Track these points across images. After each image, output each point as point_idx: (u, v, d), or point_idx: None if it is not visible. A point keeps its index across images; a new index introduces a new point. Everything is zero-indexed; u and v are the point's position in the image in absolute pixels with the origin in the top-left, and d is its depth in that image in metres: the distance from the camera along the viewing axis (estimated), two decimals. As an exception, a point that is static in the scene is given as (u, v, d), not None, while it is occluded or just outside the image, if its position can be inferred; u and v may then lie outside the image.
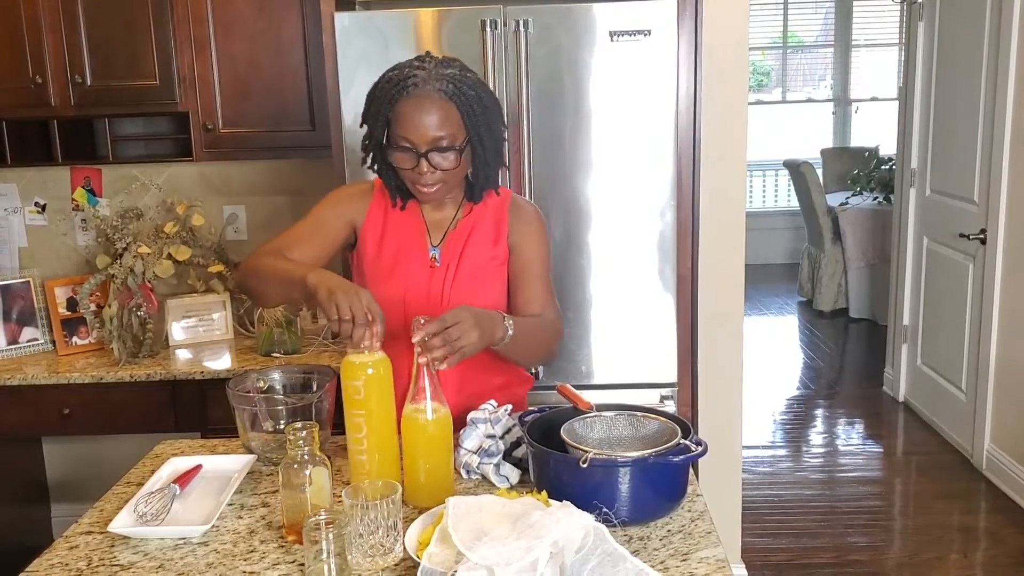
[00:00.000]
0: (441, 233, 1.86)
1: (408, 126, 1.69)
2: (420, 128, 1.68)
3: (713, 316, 2.84)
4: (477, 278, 1.83)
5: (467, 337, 1.54)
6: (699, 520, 1.48)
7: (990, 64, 3.73)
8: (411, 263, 1.84)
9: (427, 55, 1.76)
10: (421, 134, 1.68)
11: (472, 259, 1.84)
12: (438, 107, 1.68)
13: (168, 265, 2.89)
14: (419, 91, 1.68)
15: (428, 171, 1.71)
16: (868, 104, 8.56)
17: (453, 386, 1.80)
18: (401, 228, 1.86)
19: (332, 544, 1.28)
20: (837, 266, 6.43)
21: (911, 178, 4.59)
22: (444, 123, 1.69)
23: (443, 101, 1.69)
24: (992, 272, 3.74)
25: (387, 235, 1.86)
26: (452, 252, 1.84)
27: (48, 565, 1.41)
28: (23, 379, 2.71)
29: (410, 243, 1.85)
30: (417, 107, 1.68)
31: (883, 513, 3.66)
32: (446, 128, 1.69)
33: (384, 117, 1.72)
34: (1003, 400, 3.74)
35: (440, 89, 1.68)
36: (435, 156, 1.71)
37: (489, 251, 1.85)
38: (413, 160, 1.71)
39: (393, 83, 1.70)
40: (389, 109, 1.70)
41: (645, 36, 2.37)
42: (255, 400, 1.76)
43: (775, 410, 4.82)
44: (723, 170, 2.82)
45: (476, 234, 1.85)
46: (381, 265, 1.85)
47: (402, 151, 1.72)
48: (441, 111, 1.68)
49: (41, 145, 2.95)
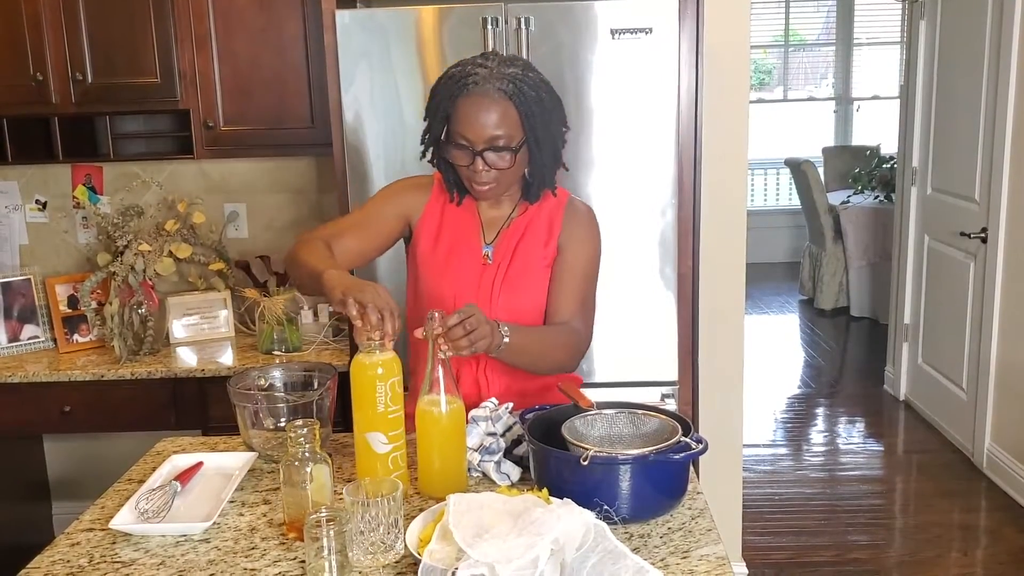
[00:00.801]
0: (495, 231, 1.86)
1: (466, 124, 1.69)
2: (477, 126, 1.69)
3: (714, 314, 2.84)
4: (527, 277, 1.83)
5: (482, 329, 1.56)
6: (700, 518, 1.48)
7: (991, 63, 3.72)
8: (464, 259, 1.84)
9: (492, 53, 1.78)
10: (478, 132, 1.69)
11: (523, 258, 1.83)
12: (497, 106, 1.69)
13: (169, 263, 2.89)
14: (479, 89, 1.69)
15: (483, 169, 1.72)
16: (869, 102, 8.56)
17: (501, 385, 1.83)
18: (457, 224, 1.86)
19: (333, 541, 1.28)
20: (838, 264, 6.43)
21: (912, 177, 4.59)
22: (501, 122, 1.69)
23: (502, 100, 1.69)
24: (993, 271, 3.74)
25: (443, 231, 1.86)
26: (504, 250, 1.84)
27: (50, 562, 1.41)
28: (24, 377, 2.72)
29: (464, 239, 1.85)
30: (476, 105, 1.68)
31: (884, 511, 3.66)
32: (503, 128, 1.69)
33: (443, 113, 1.72)
34: (1004, 399, 3.74)
35: (500, 88, 1.69)
36: (490, 155, 1.71)
37: (540, 251, 1.84)
38: (469, 157, 1.72)
39: (455, 80, 1.71)
40: (449, 105, 1.71)
41: (646, 34, 2.37)
42: (256, 398, 1.76)
43: (776, 408, 4.82)
44: (724, 168, 2.81)
45: (529, 234, 1.84)
46: (435, 260, 1.85)
47: (459, 148, 1.72)
48: (499, 110, 1.69)
49: (42, 143, 2.95)
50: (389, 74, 2.42)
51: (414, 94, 2.43)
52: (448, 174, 1.83)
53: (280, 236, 3.17)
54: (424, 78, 2.42)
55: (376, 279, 2.51)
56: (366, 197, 2.47)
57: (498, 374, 1.84)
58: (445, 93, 1.72)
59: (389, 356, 1.52)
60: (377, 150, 2.46)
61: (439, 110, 1.73)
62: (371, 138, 2.45)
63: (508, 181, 1.78)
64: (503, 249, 1.84)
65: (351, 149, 2.46)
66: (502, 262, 1.83)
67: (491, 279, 1.83)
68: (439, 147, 1.78)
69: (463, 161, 1.73)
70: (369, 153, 2.46)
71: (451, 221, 1.86)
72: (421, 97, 2.42)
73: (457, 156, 1.74)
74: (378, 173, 2.47)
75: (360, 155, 2.46)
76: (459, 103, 1.70)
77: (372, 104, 2.44)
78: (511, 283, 1.83)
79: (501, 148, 1.71)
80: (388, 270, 2.43)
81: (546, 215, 1.86)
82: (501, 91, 1.69)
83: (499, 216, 1.87)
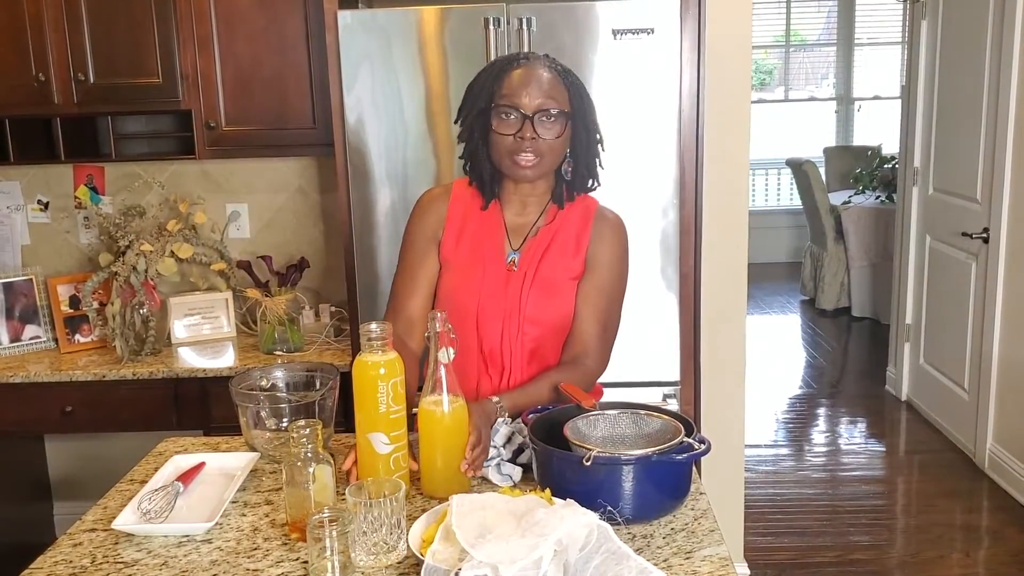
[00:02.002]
0: (521, 238, 1.83)
1: (518, 89, 1.70)
2: (528, 92, 1.70)
3: (716, 314, 2.84)
4: (553, 289, 1.80)
5: (486, 443, 1.61)
6: (702, 518, 1.48)
7: (993, 62, 3.72)
8: (488, 264, 1.81)
9: (531, 51, 1.84)
10: (530, 97, 1.70)
11: (549, 269, 1.80)
12: (548, 78, 1.72)
13: (171, 263, 2.89)
14: (529, 64, 1.73)
15: (531, 137, 1.70)
16: (871, 102, 8.56)
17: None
18: (481, 229, 1.83)
19: (336, 542, 1.28)
20: (840, 265, 6.43)
21: (914, 177, 4.58)
22: (552, 91, 1.71)
23: (552, 76, 1.73)
24: (995, 271, 3.74)
25: (465, 234, 1.83)
26: (531, 258, 1.81)
27: (52, 562, 1.41)
28: (25, 377, 2.72)
29: (488, 244, 1.82)
30: (528, 74, 1.71)
31: (885, 512, 3.66)
32: (554, 96, 1.71)
33: (490, 88, 1.73)
34: (1005, 399, 3.74)
35: (549, 66, 1.74)
36: (542, 121, 1.70)
37: (567, 263, 1.81)
38: (518, 123, 1.70)
39: (503, 61, 1.76)
40: (496, 80, 1.72)
41: (648, 34, 2.37)
42: (259, 398, 1.76)
43: (777, 409, 4.82)
44: (726, 168, 2.81)
45: (556, 244, 1.81)
46: (456, 263, 1.83)
47: (506, 117, 1.71)
48: (550, 82, 1.72)
49: (44, 143, 2.95)
50: (391, 74, 2.42)
51: (416, 94, 2.43)
52: (483, 169, 1.79)
53: (282, 236, 3.17)
54: (426, 78, 2.42)
55: (383, 276, 2.51)
56: (367, 198, 2.48)
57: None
58: (492, 72, 1.74)
59: (391, 356, 1.52)
60: (379, 150, 2.46)
61: (484, 89, 1.73)
62: (373, 138, 2.45)
63: (549, 162, 1.75)
64: (530, 256, 1.81)
65: (353, 149, 2.46)
66: (528, 270, 1.80)
67: (518, 287, 1.79)
68: (477, 131, 1.75)
69: (510, 129, 1.70)
70: (371, 153, 2.46)
71: (474, 224, 1.83)
72: (423, 96, 2.43)
73: (504, 126, 1.71)
74: (379, 173, 2.47)
75: (362, 155, 2.46)
76: (509, 76, 1.72)
77: (374, 104, 2.44)
78: (539, 292, 1.79)
79: (552, 114, 1.70)
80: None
81: (574, 226, 1.82)
82: (550, 68, 1.74)
83: (525, 223, 1.83)
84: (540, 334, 1.80)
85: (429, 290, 1.86)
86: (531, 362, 1.81)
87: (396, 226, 2.37)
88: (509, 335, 1.79)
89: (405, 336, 1.81)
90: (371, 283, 2.52)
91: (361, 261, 2.52)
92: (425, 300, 1.85)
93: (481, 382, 1.82)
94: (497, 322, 1.79)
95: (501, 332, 1.79)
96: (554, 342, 1.83)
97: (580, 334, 1.81)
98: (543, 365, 1.81)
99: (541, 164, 1.73)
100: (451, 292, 1.82)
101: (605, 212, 1.86)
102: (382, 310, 2.18)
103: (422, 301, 1.85)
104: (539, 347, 1.81)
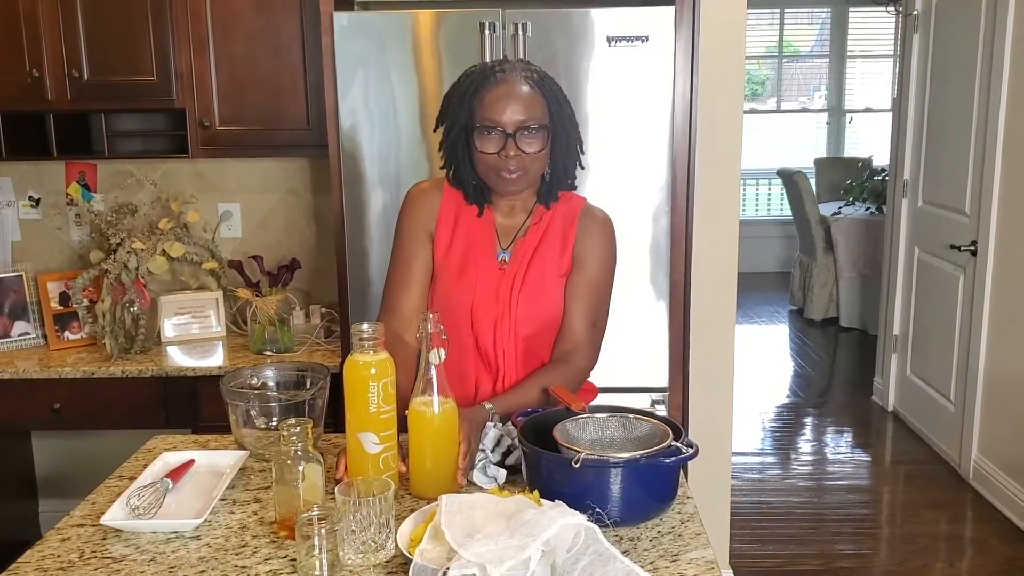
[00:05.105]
0: (511, 238, 1.85)
1: (497, 108, 1.71)
2: (508, 110, 1.71)
3: (705, 322, 2.85)
4: (543, 287, 1.83)
5: (473, 444, 1.62)
6: (689, 522, 1.49)
7: (983, 77, 3.75)
8: (480, 263, 1.83)
9: (504, 58, 1.81)
10: (509, 116, 1.71)
11: (540, 267, 1.83)
12: (525, 92, 1.72)
13: (162, 261, 2.89)
14: (506, 77, 1.73)
15: (514, 154, 1.72)
16: (862, 114, 8.61)
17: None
18: (472, 227, 1.85)
19: (324, 540, 1.28)
20: (829, 275, 6.46)
21: (903, 189, 4.61)
22: (531, 106, 1.72)
23: (529, 88, 1.73)
24: (982, 283, 3.76)
25: (458, 232, 1.85)
26: (521, 257, 1.83)
27: (40, 557, 1.41)
28: (14, 373, 2.71)
29: (480, 243, 1.84)
30: (506, 91, 1.72)
31: (870, 521, 3.67)
32: (533, 111, 1.72)
33: (468, 105, 1.73)
34: (991, 411, 3.76)
35: (526, 78, 1.74)
36: (523, 137, 1.71)
37: (555, 260, 1.83)
38: (500, 142, 1.72)
39: (479, 72, 1.75)
40: (475, 96, 1.73)
41: (643, 42, 2.38)
42: (249, 396, 1.76)
43: (765, 417, 4.84)
44: (717, 177, 2.83)
45: (545, 242, 1.83)
46: (451, 262, 1.84)
47: (488, 135, 1.72)
48: (528, 96, 1.72)
49: (36, 139, 2.94)
50: (386, 76, 2.43)
51: (410, 97, 2.44)
52: (469, 179, 1.81)
53: (274, 236, 3.17)
54: (420, 81, 2.43)
55: (374, 279, 2.52)
56: (360, 199, 2.48)
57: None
58: (470, 85, 1.74)
59: (383, 356, 1.53)
60: (372, 152, 2.47)
61: (463, 102, 1.74)
62: (366, 140, 2.46)
63: (533, 173, 1.77)
64: (520, 255, 1.83)
65: (346, 151, 2.47)
66: (519, 269, 1.82)
67: (509, 286, 1.81)
68: (460, 148, 1.77)
69: (493, 148, 1.72)
70: (364, 155, 2.47)
71: (466, 223, 1.85)
72: (417, 100, 2.44)
73: (487, 144, 1.73)
74: (373, 175, 2.48)
75: (355, 157, 2.47)
76: (487, 93, 1.72)
77: (368, 106, 2.44)
78: (529, 291, 1.81)
79: (533, 129, 1.72)
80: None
81: (561, 223, 1.84)
82: (527, 79, 1.74)
83: (514, 224, 1.86)
84: (532, 333, 1.82)
85: (424, 284, 1.86)
86: (524, 361, 1.83)
87: (388, 228, 2.37)
88: (502, 334, 1.81)
89: (401, 331, 1.82)
90: (362, 285, 2.53)
91: (352, 263, 2.53)
92: (420, 294, 1.86)
93: (480, 381, 1.84)
94: (490, 321, 1.80)
95: (494, 331, 1.81)
96: (546, 340, 1.85)
97: (570, 331, 1.83)
98: (536, 364, 1.83)
99: (526, 177, 1.77)
100: (446, 295, 1.83)
101: (592, 209, 1.89)
102: (373, 312, 2.19)
103: (417, 295, 1.86)
104: (531, 346, 1.83)
